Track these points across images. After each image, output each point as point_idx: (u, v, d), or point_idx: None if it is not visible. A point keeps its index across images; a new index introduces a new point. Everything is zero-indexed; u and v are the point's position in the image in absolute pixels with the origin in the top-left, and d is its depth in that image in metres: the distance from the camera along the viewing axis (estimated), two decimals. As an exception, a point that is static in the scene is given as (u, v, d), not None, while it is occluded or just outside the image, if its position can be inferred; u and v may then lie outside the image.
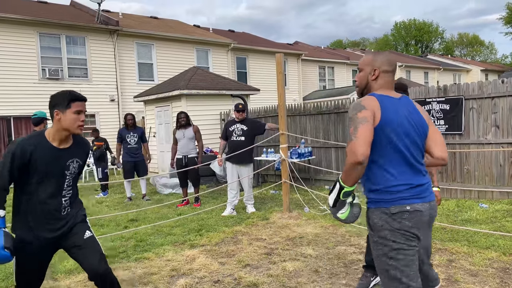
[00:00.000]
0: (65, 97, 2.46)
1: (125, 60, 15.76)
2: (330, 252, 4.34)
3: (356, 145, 1.90)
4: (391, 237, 2.00)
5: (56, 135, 2.47)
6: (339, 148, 8.46)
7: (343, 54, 27.90)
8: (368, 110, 1.99)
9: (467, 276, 3.50)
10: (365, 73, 2.18)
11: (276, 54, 6.37)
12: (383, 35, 59.23)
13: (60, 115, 2.43)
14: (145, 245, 4.97)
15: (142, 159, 8.12)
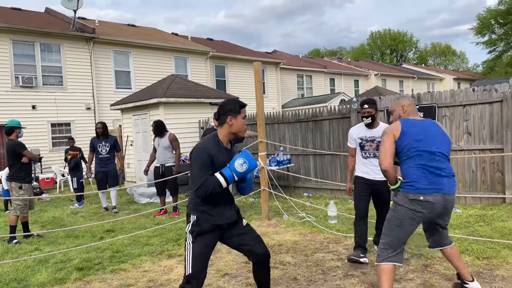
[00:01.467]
0: (237, 104, 2.74)
1: (101, 68, 15.55)
2: (308, 259, 4.36)
3: (383, 158, 2.95)
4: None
5: (225, 138, 2.76)
6: (317, 156, 8.53)
7: (321, 63, 28.28)
8: (388, 132, 3.02)
9: (442, 281, 3.57)
10: (397, 112, 3.28)
11: (254, 63, 6.41)
12: (360, 45, 60.50)
13: (232, 121, 2.70)
14: (122, 256, 4.87)
15: (114, 169, 7.92)
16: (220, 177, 2.58)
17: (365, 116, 4.20)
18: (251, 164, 2.62)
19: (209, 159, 2.60)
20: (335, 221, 5.99)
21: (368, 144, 4.25)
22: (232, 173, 2.59)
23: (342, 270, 4.00)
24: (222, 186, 2.59)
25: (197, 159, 2.62)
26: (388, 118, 7.15)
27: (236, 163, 2.59)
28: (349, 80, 28.17)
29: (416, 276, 3.70)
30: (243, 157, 2.61)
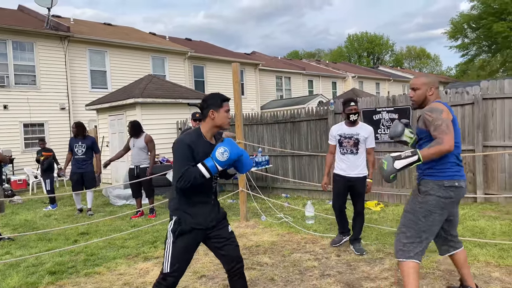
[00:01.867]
0: (219, 98, 2.72)
1: (76, 67, 15.22)
2: (286, 260, 4.38)
3: (451, 139, 2.60)
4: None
5: (208, 132, 2.72)
6: (295, 157, 8.59)
7: (300, 65, 28.50)
8: (446, 112, 2.69)
9: (415, 279, 3.63)
10: (423, 91, 2.89)
11: (232, 64, 6.40)
12: (338, 47, 61.21)
13: (214, 114, 2.67)
14: (96, 259, 4.78)
15: (90, 171, 7.70)
16: (201, 167, 2.53)
17: (352, 113, 4.41)
18: (233, 152, 2.55)
19: (189, 150, 2.56)
20: (313, 221, 6.03)
21: (346, 140, 4.48)
22: (214, 163, 2.53)
23: (319, 270, 4.03)
24: (205, 176, 2.53)
25: (177, 150, 2.60)
26: (364, 119, 7.27)
27: (217, 152, 2.54)
28: (327, 82, 28.47)
29: (391, 275, 3.77)
30: (224, 145, 2.55)
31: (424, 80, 2.90)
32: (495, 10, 28.11)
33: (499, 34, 27.81)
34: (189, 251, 2.68)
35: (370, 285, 3.58)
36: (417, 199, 2.81)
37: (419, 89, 2.89)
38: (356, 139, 4.43)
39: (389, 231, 5.26)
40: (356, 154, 4.46)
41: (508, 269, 3.68)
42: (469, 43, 32.66)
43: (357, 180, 4.46)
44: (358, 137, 4.43)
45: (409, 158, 2.67)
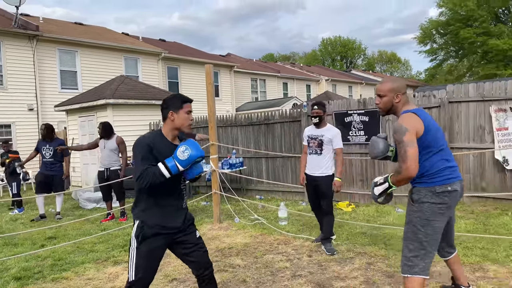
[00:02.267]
0: (179, 99, 2.66)
1: (46, 67, 14.80)
2: (258, 261, 4.39)
3: (410, 164, 2.49)
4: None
5: (169, 133, 2.66)
6: (270, 158, 8.63)
7: (274, 67, 28.67)
8: (410, 132, 2.53)
9: (384, 278, 3.72)
10: (389, 98, 2.74)
11: (205, 65, 6.38)
12: (312, 50, 61.98)
13: (174, 116, 2.62)
14: (64, 264, 4.65)
15: (58, 174, 7.40)
16: (161, 166, 2.48)
17: (314, 116, 4.68)
18: (194, 152, 2.51)
19: (148, 150, 2.51)
20: (286, 223, 6.07)
21: (312, 141, 4.73)
22: (175, 162, 2.48)
23: (291, 270, 4.06)
24: (164, 175, 2.47)
25: (136, 150, 2.55)
26: (336, 122, 7.38)
27: (178, 151, 2.50)
28: (301, 85, 28.76)
29: (360, 274, 3.84)
30: (186, 145, 2.51)
31: (389, 86, 2.74)
32: (462, 16, 29.15)
33: (466, 40, 28.85)
34: (154, 258, 2.58)
35: (340, 284, 3.63)
36: (412, 209, 2.69)
37: (385, 96, 2.75)
38: (320, 140, 4.66)
39: (359, 231, 5.36)
40: (320, 154, 4.66)
41: (472, 267, 3.81)
42: (437, 48, 33.72)
43: (321, 179, 4.63)
44: (322, 138, 4.64)
45: (382, 185, 2.75)
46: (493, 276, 3.58)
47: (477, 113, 6.26)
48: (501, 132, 5.99)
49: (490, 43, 27.24)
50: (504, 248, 4.28)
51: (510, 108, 5.86)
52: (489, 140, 6.16)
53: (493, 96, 6.09)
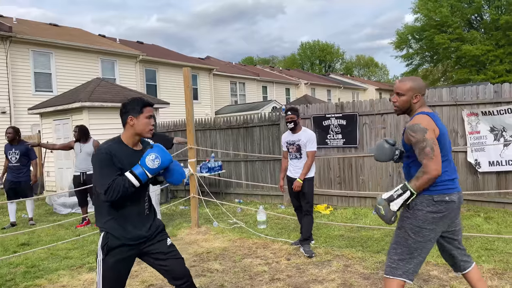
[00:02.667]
0: (139, 103, 2.53)
1: (19, 69, 14.40)
2: (236, 266, 4.37)
3: (437, 163, 2.41)
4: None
5: (130, 140, 2.54)
6: (249, 162, 8.62)
7: (254, 71, 28.73)
8: (430, 130, 2.46)
9: (361, 280, 3.76)
10: (408, 98, 2.62)
11: (183, 68, 6.34)
12: (291, 54, 62.43)
13: (133, 121, 2.50)
14: (37, 271, 4.53)
15: (25, 180, 7.11)
16: (130, 176, 2.36)
17: (288, 121, 4.78)
18: (164, 159, 2.42)
19: (109, 159, 2.38)
20: (265, 226, 6.07)
21: (291, 147, 4.85)
22: (144, 170, 2.38)
23: (269, 274, 4.06)
24: (134, 185, 2.37)
25: (96, 162, 2.40)
26: (314, 125, 7.45)
27: (147, 159, 2.38)
28: (280, 88, 28.91)
29: (338, 277, 3.87)
30: (155, 152, 2.40)
31: (410, 85, 2.61)
32: (437, 22, 29.93)
33: (440, 45, 29.63)
34: (122, 269, 2.47)
35: (318, 287, 3.66)
36: (405, 215, 2.60)
37: (404, 95, 2.62)
38: (297, 145, 4.78)
39: (337, 233, 5.41)
40: (300, 158, 4.79)
41: (446, 268, 3.89)
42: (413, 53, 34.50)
43: (303, 182, 4.72)
44: (299, 143, 4.77)
45: (402, 196, 2.51)
46: (466, 276, 3.67)
47: (451, 117, 6.42)
48: (473, 135, 6.16)
49: (463, 49, 28.06)
50: (476, 249, 4.39)
51: (482, 112, 6.03)
52: (462, 143, 6.33)
53: (465, 101, 6.26)
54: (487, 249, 4.39)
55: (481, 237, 4.78)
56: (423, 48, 33.25)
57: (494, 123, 5.95)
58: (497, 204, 6.10)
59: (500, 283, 3.50)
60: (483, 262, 3.97)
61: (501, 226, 5.22)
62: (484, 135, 6.07)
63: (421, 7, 30.73)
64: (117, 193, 2.33)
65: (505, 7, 28.21)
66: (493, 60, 28.19)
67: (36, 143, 6.97)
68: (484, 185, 6.18)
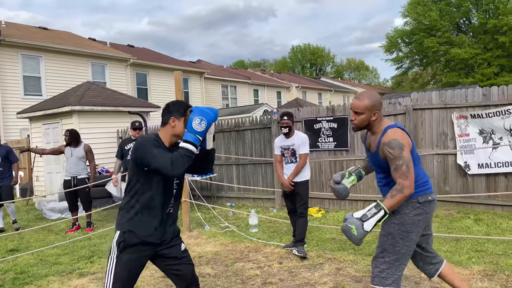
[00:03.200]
0: (183, 106, 2.55)
1: (8, 73, 14.25)
2: (228, 270, 4.35)
3: (411, 182, 2.42)
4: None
5: (167, 139, 2.55)
6: (240, 165, 8.61)
7: (245, 74, 28.77)
8: (407, 147, 2.48)
9: (353, 283, 3.77)
10: (367, 116, 2.60)
11: (174, 72, 6.32)
12: (282, 57, 62.63)
13: (175, 122, 2.51)
14: (26, 277, 4.46)
15: (6, 184, 6.94)
16: (185, 144, 2.36)
17: (283, 126, 4.78)
18: (208, 116, 2.40)
19: (160, 144, 2.45)
20: (257, 230, 6.06)
21: (286, 151, 4.87)
22: (195, 135, 2.37)
23: (261, 278, 4.05)
24: (192, 151, 2.36)
25: (148, 145, 2.41)
26: (306, 128, 7.47)
27: (194, 124, 2.36)
28: (272, 92, 28.98)
29: (330, 280, 3.87)
30: (198, 115, 2.38)
31: (367, 104, 2.58)
32: (426, 26, 30.30)
33: (430, 49, 29.98)
34: (135, 268, 2.46)
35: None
36: (392, 221, 2.57)
37: (363, 114, 2.60)
38: (292, 150, 4.82)
39: (329, 236, 5.42)
40: (295, 162, 4.83)
41: (436, 269, 3.92)
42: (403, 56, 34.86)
43: (300, 184, 4.78)
44: (294, 147, 4.80)
45: (376, 215, 2.44)
46: (457, 278, 3.69)
47: (440, 119, 6.49)
48: (463, 138, 6.23)
49: (452, 52, 28.42)
50: (466, 251, 4.43)
51: (471, 115, 6.11)
52: (451, 146, 6.39)
53: (454, 104, 6.33)
54: (477, 250, 4.43)
55: (471, 239, 4.83)
56: (412, 51, 33.63)
57: (483, 125, 6.03)
58: (487, 206, 6.16)
59: (490, 284, 3.53)
60: (473, 264, 4.00)
61: (491, 228, 5.28)
62: (473, 138, 6.14)
63: (411, 11, 31.09)
64: (182, 164, 2.34)
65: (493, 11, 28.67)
66: (481, 63, 28.59)
67: (25, 148, 6.85)
68: (473, 187, 6.25)
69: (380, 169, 2.69)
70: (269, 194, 8.12)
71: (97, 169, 9.32)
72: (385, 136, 2.53)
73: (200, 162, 2.64)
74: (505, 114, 5.79)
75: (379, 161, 2.62)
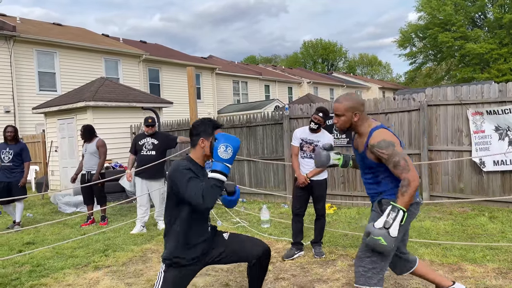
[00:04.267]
0: (210, 125, 2.56)
1: (23, 69, 14.48)
2: (241, 265, 4.37)
3: (414, 173, 2.42)
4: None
5: (200, 160, 2.61)
6: (251, 162, 8.63)
7: (256, 70, 28.73)
8: (397, 143, 2.51)
9: (365, 279, 3.76)
10: (348, 117, 2.63)
11: (187, 68, 6.35)
12: (293, 53, 62.32)
13: (204, 143, 2.53)
14: (43, 270, 4.55)
15: (18, 180, 6.86)
16: (213, 174, 2.36)
17: (315, 122, 4.53)
18: (235, 143, 2.40)
19: (190, 171, 2.46)
20: (268, 225, 6.08)
21: (306, 145, 4.62)
22: (223, 163, 2.38)
23: (273, 273, 4.07)
24: (222, 181, 2.38)
25: (181, 177, 2.42)
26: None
27: (220, 152, 2.36)
28: (283, 87, 28.89)
29: (342, 276, 3.87)
30: (223, 142, 2.38)
31: (346, 105, 2.61)
32: (440, 21, 29.82)
33: (444, 43, 29.53)
34: (180, 284, 2.56)
35: (322, 286, 3.66)
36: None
37: (343, 116, 2.63)
38: (315, 146, 4.53)
39: (341, 233, 5.41)
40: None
41: (451, 267, 3.89)
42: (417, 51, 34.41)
43: (316, 183, 4.55)
44: (318, 144, 4.52)
45: (397, 218, 2.40)
46: (471, 275, 3.67)
47: (455, 116, 6.41)
48: (478, 135, 6.14)
49: (467, 47, 27.96)
50: (481, 248, 4.38)
51: (487, 112, 6.02)
52: (466, 142, 6.31)
53: (470, 100, 6.24)
54: (492, 248, 4.39)
55: (486, 237, 4.78)
56: (426, 46, 33.15)
57: (499, 122, 5.94)
58: (502, 204, 6.08)
59: (504, 282, 3.49)
60: (487, 262, 3.97)
61: (506, 226, 5.21)
62: (489, 135, 6.05)
63: (425, 6, 30.62)
64: (213, 196, 2.36)
65: (509, 6, 28.10)
66: (497, 58, 28.08)
67: (72, 177, 6.92)
68: (488, 184, 6.17)
69: (367, 170, 2.71)
70: (281, 190, 8.13)
71: (110, 164, 9.43)
72: (371, 138, 2.55)
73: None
74: (522, 110, 5.69)
75: (368, 162, 2.64)
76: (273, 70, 32.28)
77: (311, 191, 4.60)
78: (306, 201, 4.65)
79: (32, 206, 9.24)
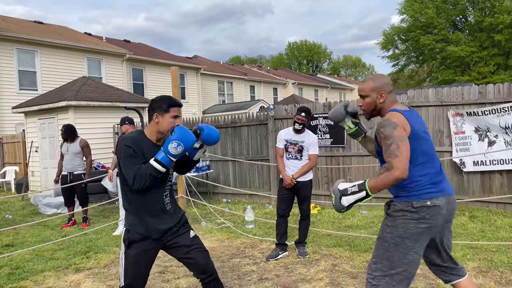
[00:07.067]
0: (167, 101, 2.52)
1: (3, 67, 14.13)
2: (224, 265, 4.36)
3: (402, 161, 2.11)
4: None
5: (153, 136, 2.56)
6: (236, 162, 8.61)
7: (242, 70, 28.69)
8: (400, 127, 2.20)
9: (348, 279, 3.79)
10: (372, 98, 2.41)
11: (171, 67, 6.30)
12: (279, 54, 62.49)
13: (159, 118, 2.50)
14: (22, 273, 4.45)
15: None
16: (154, 163, 2.37)
17: (298, 122, 4.51)
18: (187, 142, 2.38)
19: (131, 149, 2.42)
20: (253, 226, 6.08)
21: (291, 146, 4.59)
22: (167, 156, 2.37)
23: (257, 274, 4.06)
24: (160, 171, 2.38)
25: (121, 153, 2.44)
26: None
27: (170, 147, 2.36)
28: (268, 88, 28.94)
29: (325, 276, 3.89)
30: (176, 139, 2.37)
31: (371, 85, 2.40)
32: (422, 23, 30.29)
33: (426, 46, 30.00)
34: (143, 262, 2.52)
35: (306, 286, 3.67)
36: (385, 223, 2.36)
37: (368, 97, 2.42)
38: (300, 146, 4.54)
39: (325, 233, 5.44)
40: (300, 160, 4.56)
41: (431, 265, 3.95)
42: (399, 54, 34.86)
43: (303, 184, 4.54)
44: (303, 144, 4.53)
45: (356, 194, 2.23)
46: (451, 274, 3.72)
47: (436, 117, 6.51)
48: (458, 135, 6.26)
49: (448, 50, 28.45)
50: (461, 247, 4.46)
51: (467, 113, 6.13)
52: (447, 143, 6.42)
53: (451, 101, 6.35)
54: (472, 247, 4.47)
55: (466, 236, 4.87)
56: (409, 48, 33.62)
57: (479, 123, 6.06)
58: (481, 203, 6.21)
59: (484, 281, 3.56)
60: (468, 261, 4.04)
61: (485, 225, 5.32)
62: (469, 135, 6.17)
63: (407, 8, 31.06)
64: (144, 181, 2.37)
65: (489, 9, 28.70)
66: (477, 61, 28.66)
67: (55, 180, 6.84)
68: (468, 184, 6.29)
69: (382, 159, 2.40)
70: (265, 191, 8.13)
71: (93, 164, 9.29)
72: (383, 118, 2.33)
73: (179, 165, 2.75)
74: (500, 112, 5.82)
75: (378, 149, 2.40)
76: (258, 71, 32.30)
77: (296, 192, 4.59)
78: (291, 202, 4.65)
79: (11, 207, 9.03)
